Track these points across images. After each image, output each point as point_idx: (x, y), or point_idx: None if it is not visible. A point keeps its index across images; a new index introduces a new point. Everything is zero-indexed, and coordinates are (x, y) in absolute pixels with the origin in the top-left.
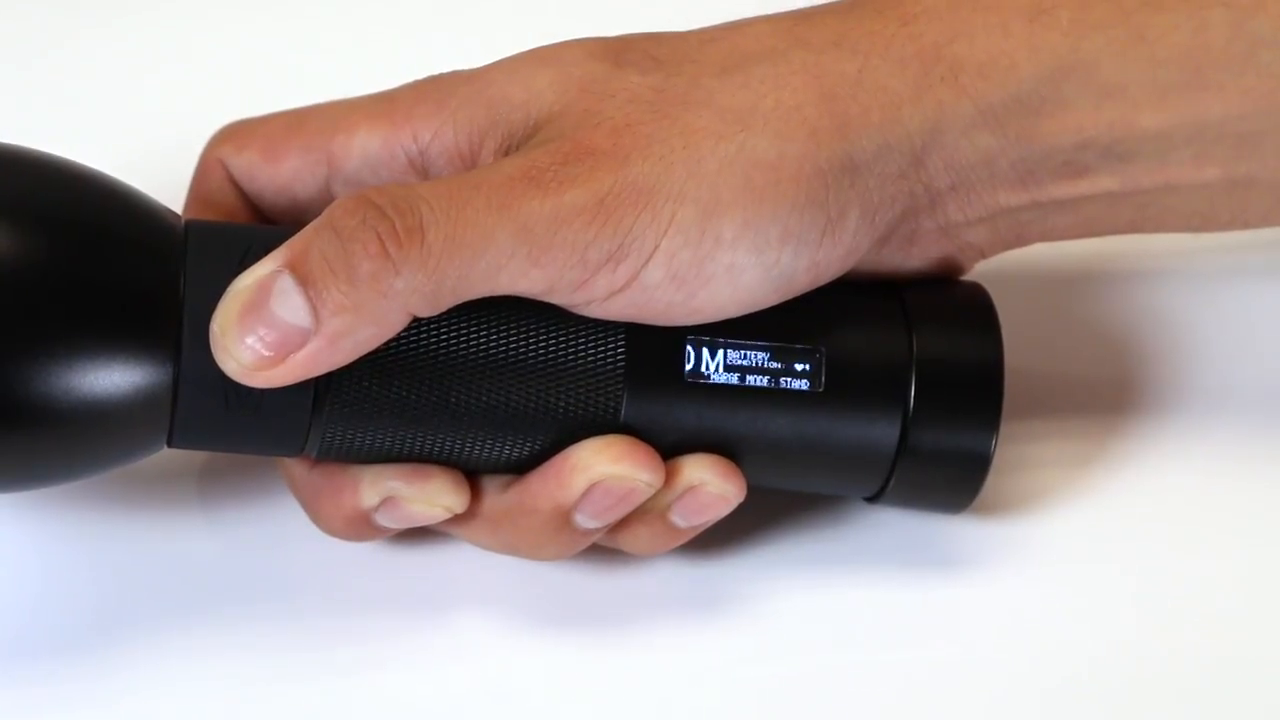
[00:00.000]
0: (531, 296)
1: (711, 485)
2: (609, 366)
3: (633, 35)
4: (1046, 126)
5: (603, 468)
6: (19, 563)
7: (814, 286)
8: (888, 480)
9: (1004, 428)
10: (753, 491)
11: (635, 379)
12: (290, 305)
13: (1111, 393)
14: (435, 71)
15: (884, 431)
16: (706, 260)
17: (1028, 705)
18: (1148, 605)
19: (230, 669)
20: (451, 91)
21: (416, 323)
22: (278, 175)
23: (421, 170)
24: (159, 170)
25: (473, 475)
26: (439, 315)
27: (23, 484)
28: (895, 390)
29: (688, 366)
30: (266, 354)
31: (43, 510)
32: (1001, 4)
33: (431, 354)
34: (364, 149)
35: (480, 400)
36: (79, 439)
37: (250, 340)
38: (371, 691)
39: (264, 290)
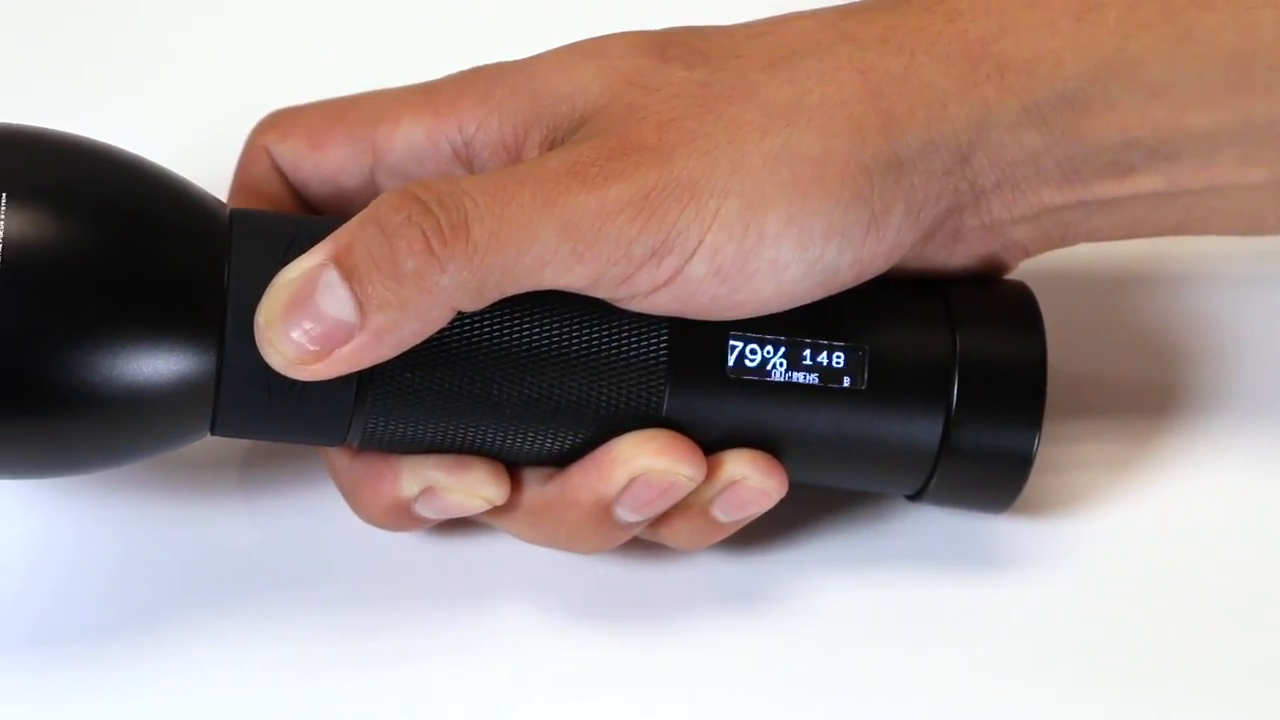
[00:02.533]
0: (576, 291)
1: (753, 480)
2: (652, 361)
3: (677, 29)
4: (1092, 125)
5: (644, 461)
6: (62, 547)
7: (857, 283)
8: (929, 479)
9: (1046, 428)
10: (793, 488)
11: (678, 373)
12: (336, 300)
13: (1154, 394)
14: (479, 63)
15: (926, 430)
16: (750, 255)
17: (1067, 706)
18: (1189, 607)
19: (269, 656)
20: (496, 83)
21: (460, 315)
22: (322, 164)
23: (466, 161)
24: (204, 158)
25: (514, 467)
26: (482, 309)
27: (67, 470)
28: (938, 388)
29: (730, 361)
30: (311, 348)
31: (86, 496)
32: (1049, 2)
33: (475, 346)
34: (408, 139)
35: (522, 393)
36: (123, 425)
37: (295, 334)
38: (409, 681)
39: (310, 284)
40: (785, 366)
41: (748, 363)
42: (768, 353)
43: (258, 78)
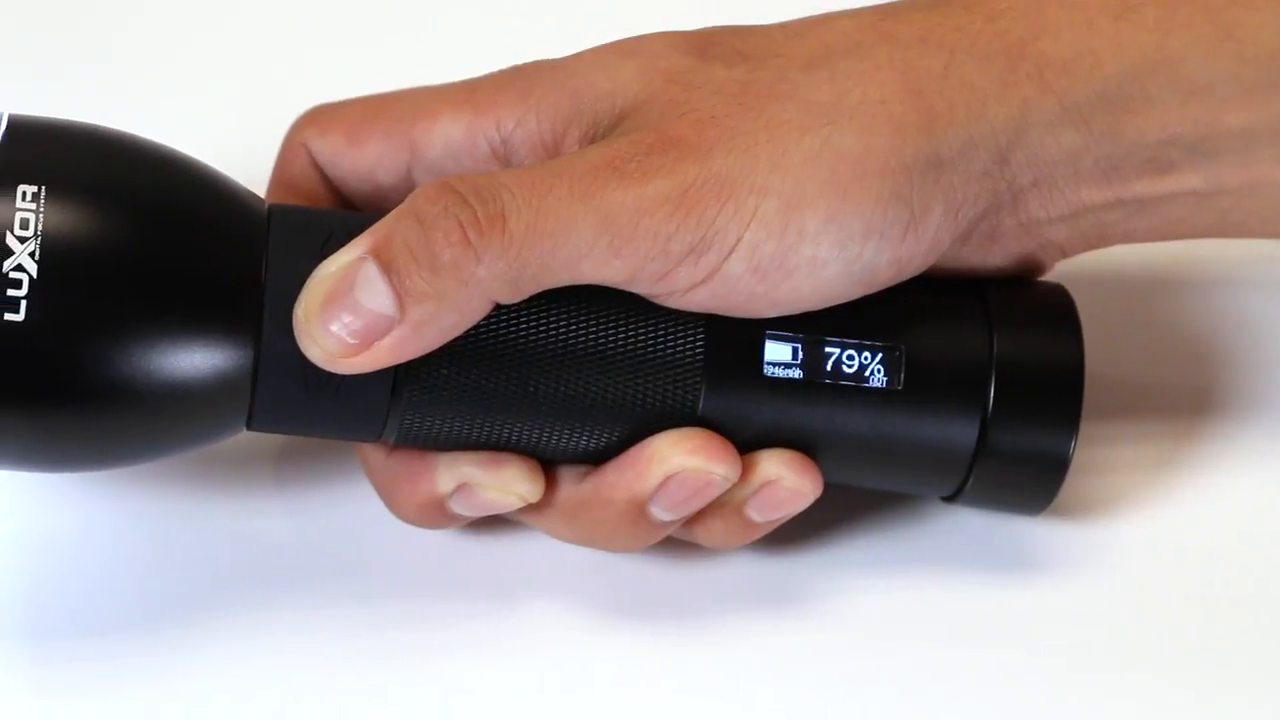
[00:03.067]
0: (613, 286)
1: (787, 480)
2: (688, 359)
3: (717, 28)
4: (1131, 123)
5: (679, 460)
6: (100, 539)
7: (895, 282)
8: (965, 480)
9: (1082, 430)
10: (828, 488)
11: (714, 372)
12: (374, 292)
13: (1190, 397)
14: (518, 61)
15: (963, 431)
16: (789, 253)
17: (1102, 710)
18: (1225, 611)
19: (303, 650)
20: (536, 80)
21: (497, 311)
22: (360, 160)
23: (504, 159)
24: (242, 153)
25: (548, 465)
26: (519, 304)
27: (103, 463)
28: (975, 389)
29: (766, 361)
30: (351, 341)
31: (124, 489)
32: (1088, 1)
33: (511, 342)
34: (446, 136)
35: (558, 390)
36: (160, 420)
37: (335, 327)
38: (442, 677)
39: (348, 277)
40: (822, 366)
41: (784, 362)
42: (805, 352)
43: (296, 74)
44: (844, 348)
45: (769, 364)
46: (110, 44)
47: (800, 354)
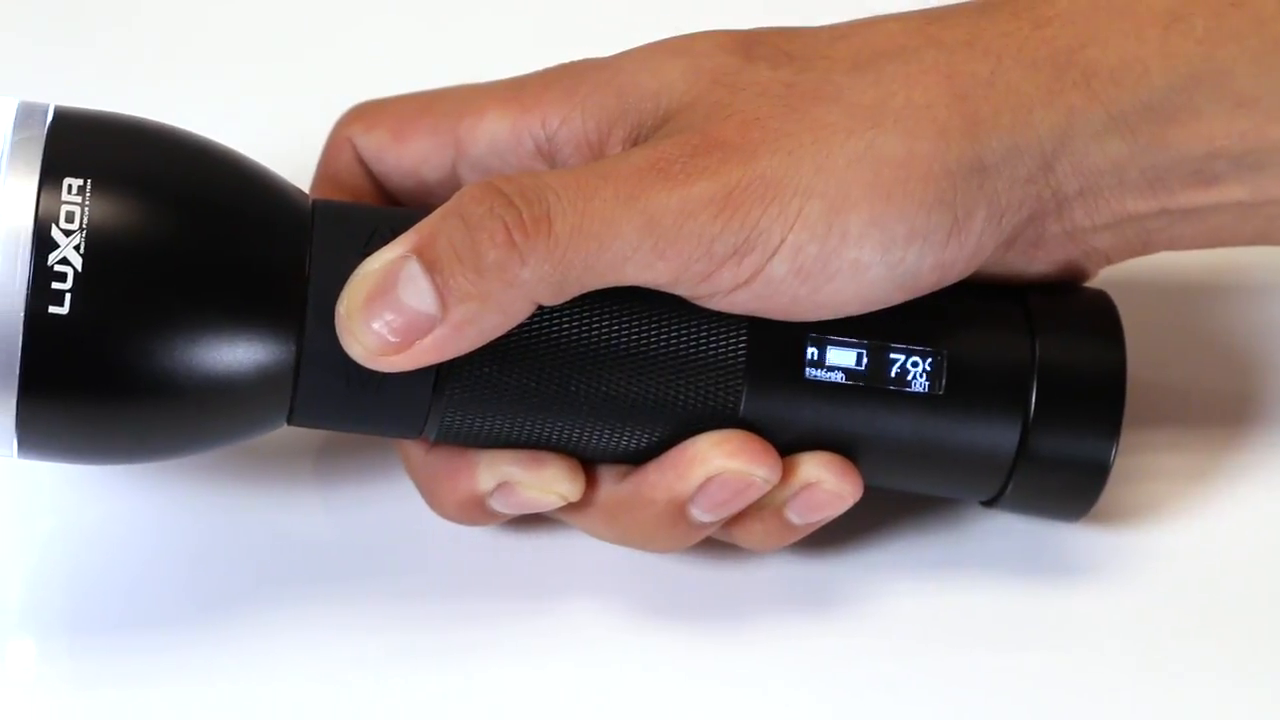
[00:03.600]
0: (656, 287)
1: (828, 483)
2: (730, 361)
3: (764, 29)
4: (1177, 134)
5: (720, 461)
6: (137, 533)
7: (938, 287)
8: (1005, 485)
9: (1123, 436)
10: (868, 491)
11: (755, 374)
12: (417, 291)
13: (1232, 405)
14: (563, 60)
15: (1003, 436)
16: (832, 256)
17: (1141, 715)
18: (1264, 619)
19: (341, 647)
20: (581, 79)
21: (540, 310)
22: (405, 156)
23: (549, 157)
24: (287, 148)
25: (589, 464)
26: (562, 304)
27: (144, 456)
28: (1016, 395)
29: (808, 363)
30: (392, 339)
31: (164, 483)
32: (1136, 10)
33: (554, 342)
34: (492, 134)
35: (600, 390)
36: (202, 414)
37: (376, 325)
38: (478, 675)
39: (391, 275)
40: (863, 370)
41: (826, 365)
42: (846, 355)
43: (342, 69)
44: (886, 351)
45: (811, 367)
46: (158, 38)
47: (843, 357)
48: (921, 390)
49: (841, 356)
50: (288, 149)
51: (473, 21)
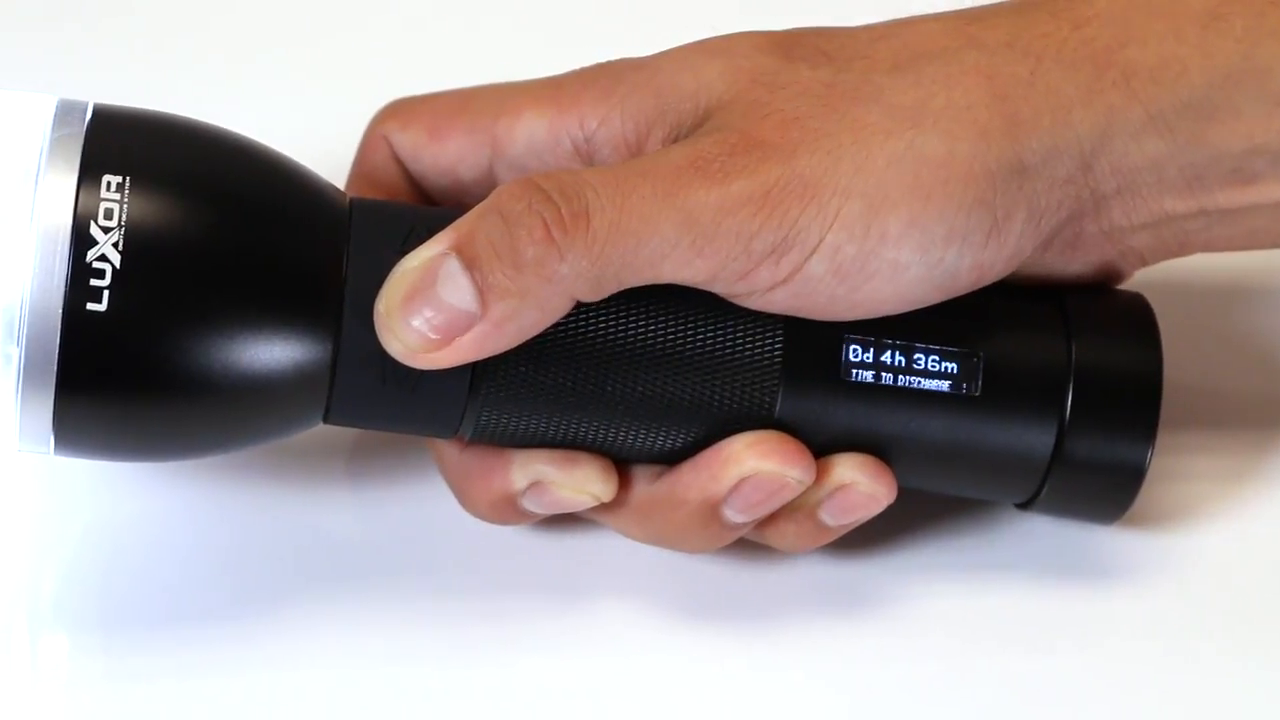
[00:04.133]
0: (693, 285)
1: (862, 485)
2: (766, 361)
3: (802, 29)
4: (1216, 133)
5: (754, 462)
6: (171, 530)
7: (976, 288)
8: (1040, 487)
9: (1158, 438)
10: (902, 492)
11: (791, 375)
12: (456, 288)
13: (1268, 407)
14: (600, 59)
15: (1039, 438)
16: (871, 256)
17: (1174, 718)
18: None
19: (373, 646)
20: (620, 79)
21: (576, 309)
22: (442, 154)
23: (586, 157)
24: (322, 145)
25: (622, 464)
26: (598, 303)
27: (180, 454)
28: (1052, 397)
29: (845, 364)
30: (432, 336)
31: (196, 481)
32: (1175, 10)
33: (590, 341)
34: (529, 133)
35: (636, 389)
36: (238, 411)
37: (416, 322)
38: (508, 673)
39: (430, 272)
40: (900, 371)
41: (862, 366)
42: (883, 356)
43: (378, 66)
44: (923, 352)
45: (848, 367)
46: (194, 35)
47: (879, 358)
48: (958, 392)
49: (878, 357)
50: (324, 147)
51: (508, 19)
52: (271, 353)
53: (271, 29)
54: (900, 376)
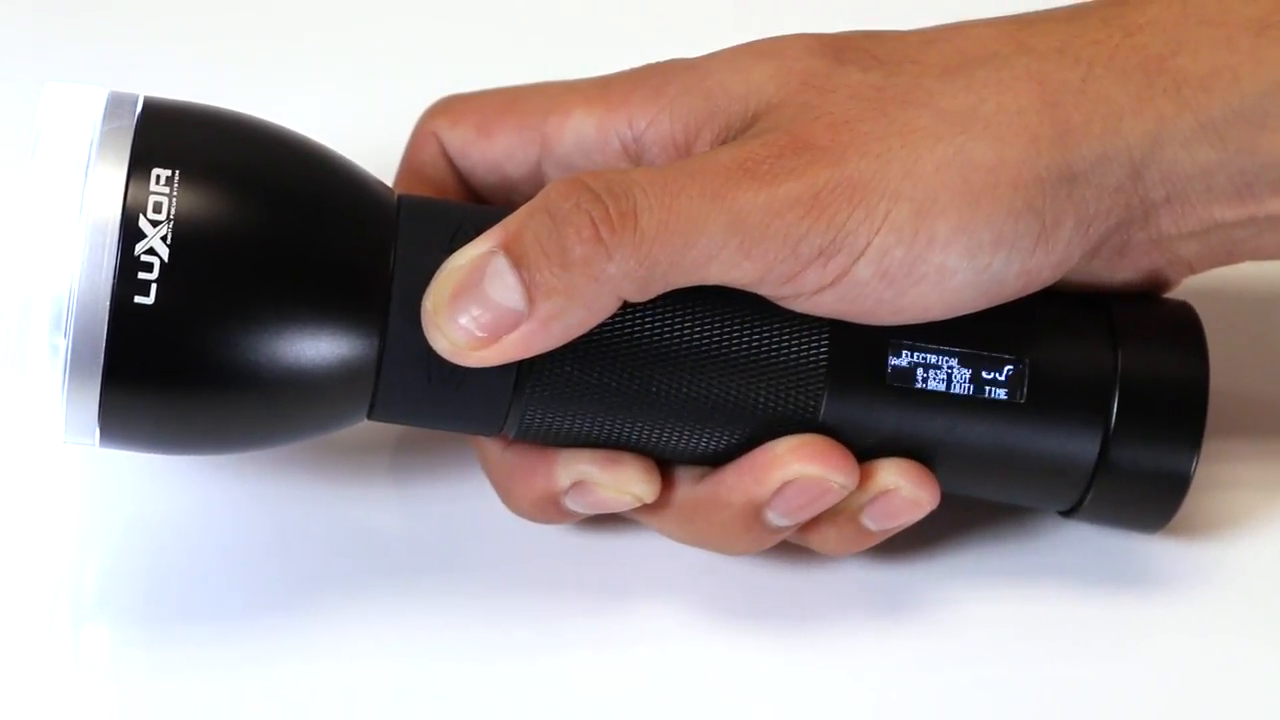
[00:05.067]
0: (740, 287)
1: (905, 491)
2: (811, 365)
3: (853, 33)
4: (1267, 141)
5: (798, 466)
6: (214, 524)
7: (1023, 294)
8: (1084, 495)
9: (1203, 447)
10: (945, 498)
11: (837, 379)
12: (504, 286)
13: None
14: (649, 60)
15: (1084, 446)
16: (918, 260)
17: None
18: None
19: (413, 643)
20: (670, 79)
21: (622, 310)
22: (490, 152)
23: (635, 157)
24: (371, 141)
25: (665, 465)
26: (644, 303)
27: (224, 448)
28: (1098, 405)
29: (890, 369)
30: (479, 334)
31: (239, 475)
32: (1227, 18)
33: (636, 342)
34: (578, 132)
35: (681, 391)
36: (283, 407)
37: (463, 320)
38: (548, 673)
39: (478, 270)
40: (945, 377)
41: (908, 371)
42: (928, 362)
43: (427, 62)
44: (968, 359)
45: (893, 372)
46: (245, 31)
47: (925, 363)
48: (1002, 398)
49: (924, 363)
50: (372, 143)
51: (557, 18)
52: (317, 348)
53: (323, 25)
54: (946, 382)
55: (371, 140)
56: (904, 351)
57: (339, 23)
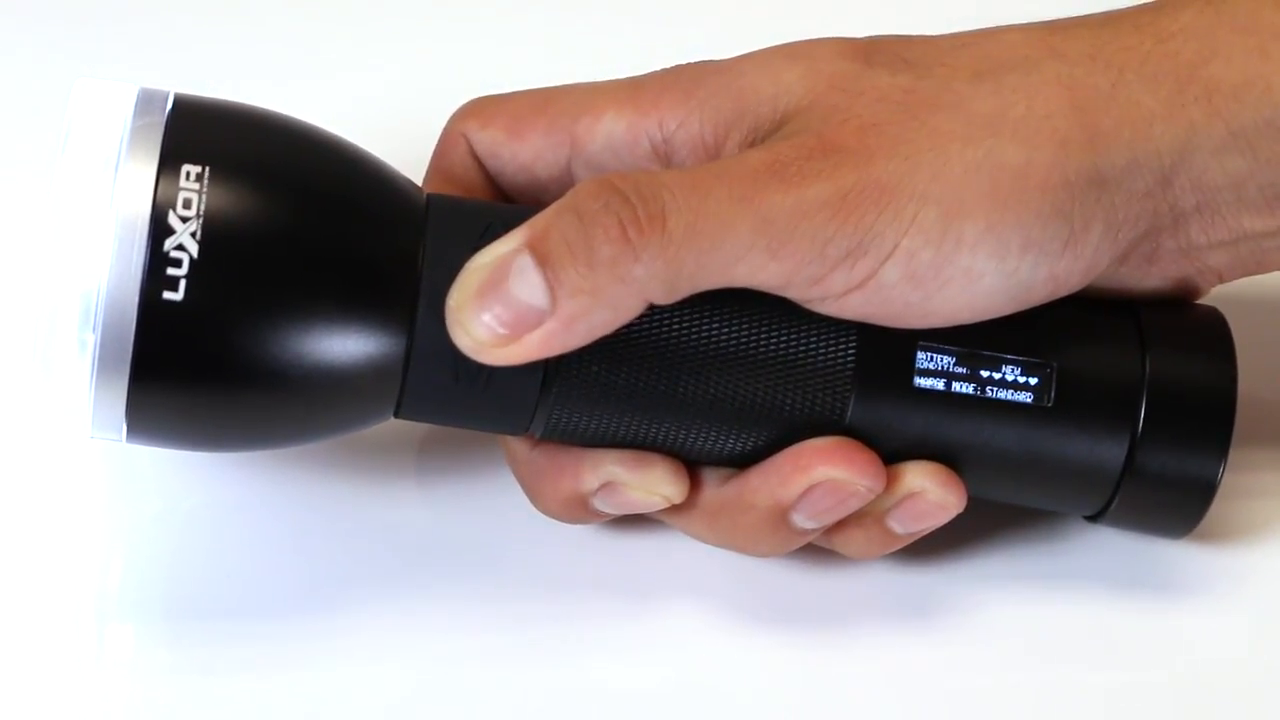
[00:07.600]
0: (767, 290)
1: (932, 494)
2: (839, 367)
3: (882, 36)
4: None
5: (824, 469)
6: (239, 522)
7: (1051, 299)
8: (1110, 500)
9: (1230, 454)
10: (971, 501)
11: (864, 381)
12: (528, 285)
13: None
14: (679, 62)
15: (1111, 451)
16: (946, 263)
17: None
18: None
19: (439, 643)
20: (700, 81)
21: (649, 310)
22: (520, 153)
23: (664, 158)
24: (401, 140)
25: (692, 466)
26: (672, 305)
27: (251, 445)
28: (1125, 410)
29: (917, 372)
30: (502, 332)
31: (265, 473)
32: (1260, 26)
33: (662, 342)
34: (608, 133)
35: (708, 392)
36: (310, 404)
37: (486, 317)
38: (573, 673)
39: (503, 268)
40: (972, 380)
41: (935, 374)
42: (956, 365)
43: (457, 63)
44: (996, 363)
45: (920, 375)
46: (275, 28)
47: (952, 367)
48: (1030, 402)
49: (951, 366)
50: (402, 143)
51: (587, 20)
52: (345, 346)
53: (354, 24)
54: (973, 386)
55: (401, 140)
56: (931, 355)
57: (371, 21)
